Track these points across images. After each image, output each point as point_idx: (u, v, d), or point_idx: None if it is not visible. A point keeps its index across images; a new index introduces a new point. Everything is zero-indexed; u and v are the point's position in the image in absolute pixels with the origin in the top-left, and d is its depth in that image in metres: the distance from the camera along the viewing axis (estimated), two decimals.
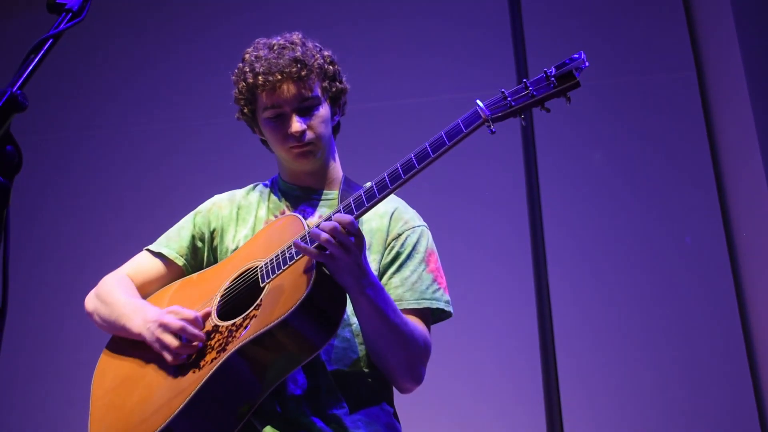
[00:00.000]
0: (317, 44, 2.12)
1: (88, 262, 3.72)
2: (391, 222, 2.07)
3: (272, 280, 1.84)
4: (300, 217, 1.95)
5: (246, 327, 1.79)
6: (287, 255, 1.84)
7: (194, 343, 1.85)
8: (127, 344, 2.00)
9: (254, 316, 1.81)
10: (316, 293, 1.75)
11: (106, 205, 4.10)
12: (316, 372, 1.90)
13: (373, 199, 1.79)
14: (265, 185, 2.21)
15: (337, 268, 1.77)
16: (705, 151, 3.72)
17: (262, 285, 1.86)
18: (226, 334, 1.83)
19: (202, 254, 2.15)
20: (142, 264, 2.15)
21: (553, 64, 1.76)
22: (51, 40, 1.29)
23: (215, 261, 2.13)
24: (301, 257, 1.81)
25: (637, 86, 3.87)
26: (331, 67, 2.10)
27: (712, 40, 3.84)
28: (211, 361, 1.79)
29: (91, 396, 2.00)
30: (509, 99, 1.74)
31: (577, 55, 1.73)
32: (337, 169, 2.17)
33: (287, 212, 2.11)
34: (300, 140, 2.02)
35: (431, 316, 2.02)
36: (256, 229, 2.10)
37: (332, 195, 2.13)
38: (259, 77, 2.01)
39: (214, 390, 1.77)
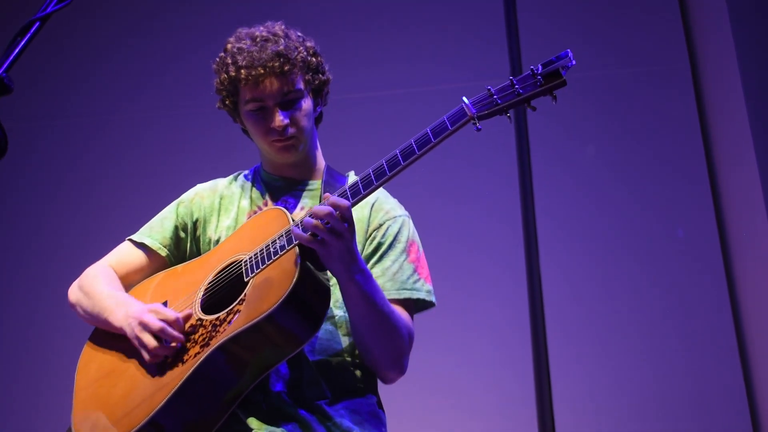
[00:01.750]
0: (300, 34, 2.10)
1: (70, 252, 3.70)
2: (372, 212, 2.07)
3: (256, 275, 1.83)
4: (284, 210, 1.94)
5: (230, 322, 1.79)
6: (272, 250, 1.83)
7: (173, 344, 1.83)
8: (111, 336, 1.99)
9: (238, 311, 1.80)
10: (300, 288, 1.74)
11: (89, 195, 4.06)
12: (299, 363, 1.90)
13: (370, 186, 1.78)
14: (246, 177, 2.20)
15: (329, 255, 1.76)
16: (698, 143, 3.72)
17: (246, 279, 1.85)
18: (209, 328, 1.82)
19: (185, 245, 2.13)
20: (125, 254, 2.14)
21: (546, 55, 1.74)
22: (38, 23, 1.27)
23: (198, 251, 2.12)
24: (286, 252, 1.80)
25: (630, 79, 3.87)
26: (314, 59, 2.09)
27: (706, 33, 3.83)
28: (195, 356, 1.78)
29: (75, 386, 1.98)
30: (495, 97, 1.73)
31: (563, 53, 1.71)
32: (319, 158, 2.17)
33: (270, 204, 2.10)
34: (282, 134, 2.02)
35: (413, 306, 2.01)
36: (238, 220, 2.09)
37: (315, 185, 2.13)
38: (242, 71, 2.00)
39: (197, 384, 1.76)
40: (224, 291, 1.90)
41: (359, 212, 2.04)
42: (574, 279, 3.60)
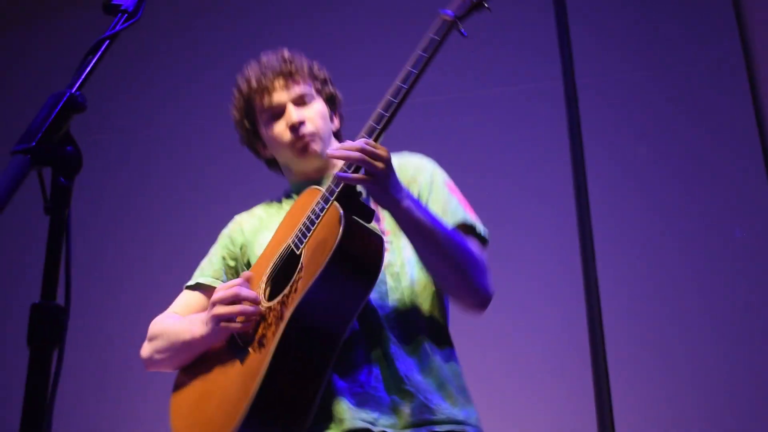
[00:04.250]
0: (306, 55, 2.18)
1: (146, 261, 3.78)
2: (400, 173, 2.02)
3: (306, 243, 1.85)
4: (315, 186, 1.96)
5: (296, 290, 1.81)
6: (312, 216, 1.85)
7: (252, 307, 1.85)
8: (190, 374, 2.01)
9: (300, 278, 1.82)
10: (350, 234, 1.76)
11: (164, 204, 4.15)
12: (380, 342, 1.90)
13: (382, 118, 1.81)
14: (279, 198, 2.23)
15: (377, 185, 1.78)
16: (756, 143, 3.65)
17: (298, 252, 1.87)
18: (279, 308, 1.84)
19: (237, 270, 2.15)
20: (184, 301, 2.16)
21: (597, 61, 1.75)
22: (108, 41, 1.31)
23: None
24: (325, 212, 1.82)
25: (683, 77, 3.82)
26: (321, 72, 2.17)
27: (761, 28, 3.77)
28: (273, 335, 1.80)
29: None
30: None
31: None
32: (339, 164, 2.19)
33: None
34: (298, 131, 2.05)
35: (473, 233, 2.01)
36: None
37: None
38: (252, 82, 2.10)
39: (284, 361, 1.77)
40: (284, 273, 1.91)
41: None
42: (631, 280, 3.57)
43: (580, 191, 3.78)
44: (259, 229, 2.16)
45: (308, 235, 1.85)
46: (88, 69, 1.28)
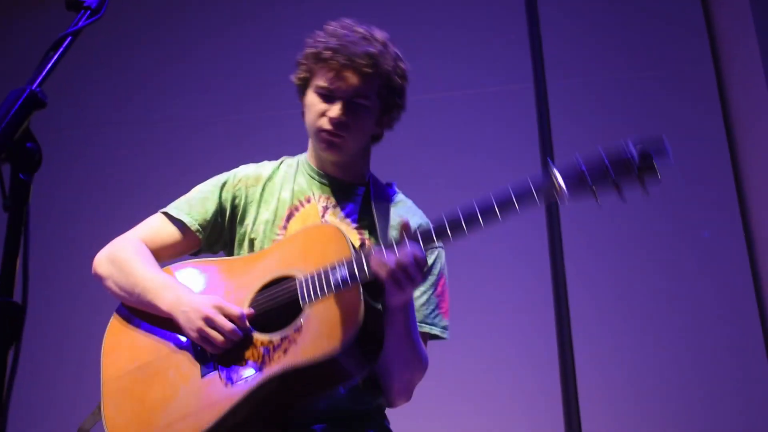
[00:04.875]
0: (398, 53, 2.06)
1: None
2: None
3: (314, 303, 1.77)
4: (343, 232, 1.86)
5: (285, 351, 1.75)
6: (332, 279, 1.76)
7: (234, 339, 1.81)
8: (142, 315, 1.93)
9: (294, 340, 1.75)
10: (363, 329, 1.71)
11: (120, 201, 4.11)
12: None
13: (442, 236, 1.76)
14: (291, 165, 2.14)
15: (399, 296, 1.76)
16: (723, 144, 3.70)
17: (302, 304, 1.79)
18: (261, 351, 1.78)
19: (220, 230, 2.07)
20: (158, 229, 2.05)
21: (568, 64, 1.74)
22: (70, 38, 1.30)
23: (230, 240, 2.06)
24: (346, 290, 1.76)
25: (654, 83, 3.85)
26: (398, 80, 2.04)
27: (730, 34, 3.81)
28: (246, 379, 1.75)
29: (102, 371, 1.92)
30: (589, 183, 1.71)
31: (665, 147, 1.69)
32: (363, 164, 2.12)
33: (313, 201, 2.05)
34: (333, 127, 1.97)
35: (427, 338, 2.00)
36: (278, 213, 2.03)
37: (361, 191, 2.08)
38: (327, 51, 1.96)
39: (246, 408, 1.74)
40: (277, 309, 1.83)
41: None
42: (599, 281, 3.60)
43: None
44: (258, 200, 2.06)
45: (320, 297, 1.77)
46: (50, 65, 1.27)
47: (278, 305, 1.84)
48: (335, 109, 1.96)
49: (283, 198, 2.06)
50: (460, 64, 4.01)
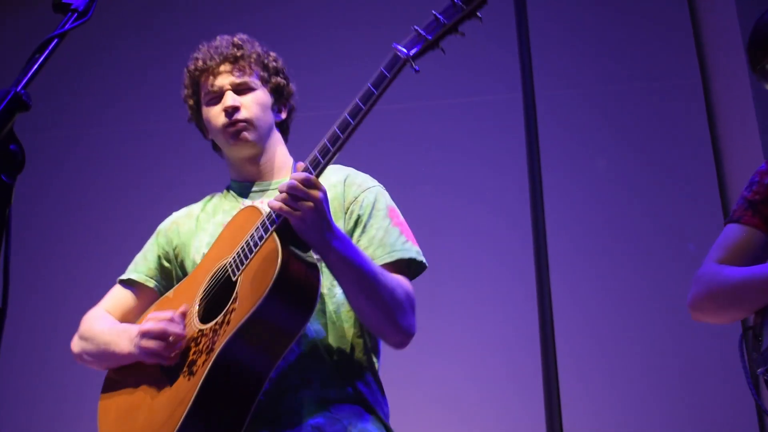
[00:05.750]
0: (262, 44, 2.17)
1: (86, 261, 3.73)
2: (345, 188, 2.05)
3: (243, 271, 1.83)
4: (254, 205, 1.93)
5: (228, 322, 1.80)
6: (251, 243, 1.83)
7: (178, 341, 1.86)
8: (120, 378, 2.01)
9: (233, 309, 1.80)
10: (288, 269, 1.75)
11: (105, 204, 4.10)
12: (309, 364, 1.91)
13: (327, 152, 1.78)
14: (219, 196, 2.21)
15: (303, 224, 1.76)
16: (709, 157, 3.72)
17: (234, 279, 1.85)
18: (211, 335, 1.83)
19: (171, 273, 2.14)
20: (117, 296, 2.16)
21: (559, 72, 1.75)
22: (56, 40, 1.29)
23: (184, 276, 2.10)
24: (265, 241, 1.80)
25: (641, 93, 3.87)
26: (272, 63, 2.14)
27: (717, 46, 3.84)
28: (203, 364, 1.79)
29: None
30: (423, 34, 1.76)
31: None
32: (285, 156, 2.17)
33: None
34: (231, 117, 2.04)
35: (407, 268, 1.98)
36: (216, 233, 2.07)
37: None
38: (199, 62, 2.10)
39: (212, 391, 1.76)
40: (218, 297, 1.89)
41: (333, 191, 2.01)
42: (584, 292, 3.60)
43: (536, 202, 3.81)
44: (195, 231, 2.13)
45: (245, 263, 1.83)
46: (35, 67, 1.26)
47: (219, 292, 1.89)
48: (226, 99, 2.06)
49: (217, 221, 2.12)
50: (448, 72, 4.00)
